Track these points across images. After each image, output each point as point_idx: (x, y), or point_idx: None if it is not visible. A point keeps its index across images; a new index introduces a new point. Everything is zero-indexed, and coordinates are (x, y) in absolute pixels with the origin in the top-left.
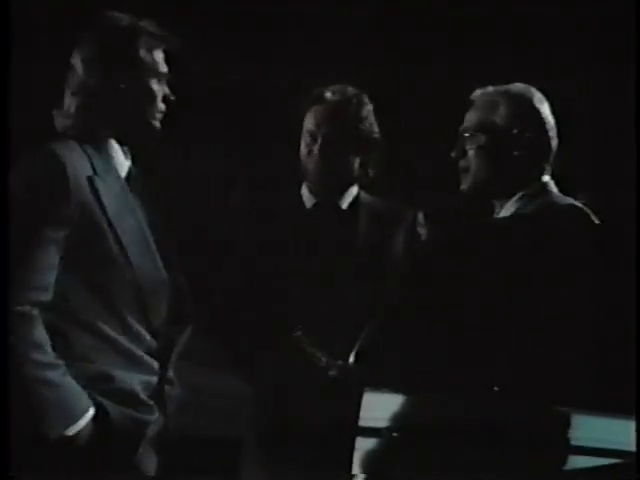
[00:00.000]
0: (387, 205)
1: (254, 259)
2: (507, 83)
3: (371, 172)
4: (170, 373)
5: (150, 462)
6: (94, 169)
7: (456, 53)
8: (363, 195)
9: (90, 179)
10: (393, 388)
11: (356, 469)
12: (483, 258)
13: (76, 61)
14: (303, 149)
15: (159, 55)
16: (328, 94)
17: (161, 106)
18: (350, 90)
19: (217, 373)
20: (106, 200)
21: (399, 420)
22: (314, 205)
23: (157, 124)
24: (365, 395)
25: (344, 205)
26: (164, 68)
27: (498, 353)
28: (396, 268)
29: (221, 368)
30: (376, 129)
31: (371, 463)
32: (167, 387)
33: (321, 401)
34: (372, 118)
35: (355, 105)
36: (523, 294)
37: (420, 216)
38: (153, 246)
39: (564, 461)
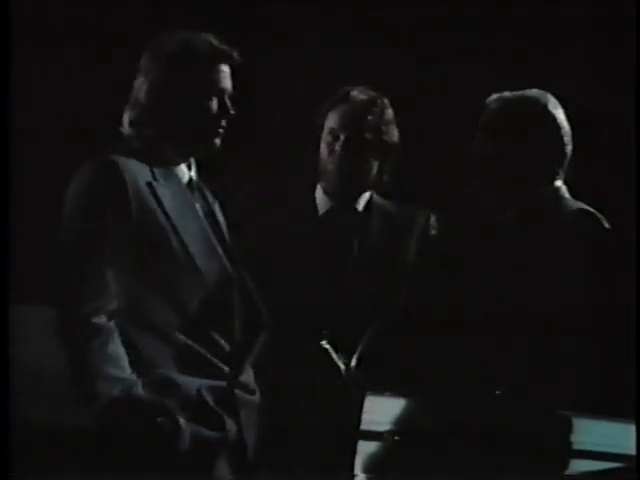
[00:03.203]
0: (400, 208)
1: (266, 259)
2: (507, 83)
3: (386, 177)
4: (244, 378)
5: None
6: (154, 176)
7: (463, 55)
8: (376, 198)
9: (150, 185)
10: (395, 392)
11: (358, 472)
12: (490, 261)
13: (138, 75)
14: (324, 149)
15: (222, 69)
16: (354, 93)
17: (222, 123)
18: (374, 92)
19: None
20: (168, 205)
21: (401, 424)
22: (329, 207)
23: (217, 141)
24: (367, 399)
25: (359, 208)
26: (226, 83)
27: (500, 357)
28: (406, 271)
29: None
30: (397, 134)
31: (373, 467)
32: (239, 392)
33: (323, 404)
34: (394, 123)
35: (380, 107)
36: (528, 297)
37: (433, 219)
38: (219, 250)
39: (565, 465)
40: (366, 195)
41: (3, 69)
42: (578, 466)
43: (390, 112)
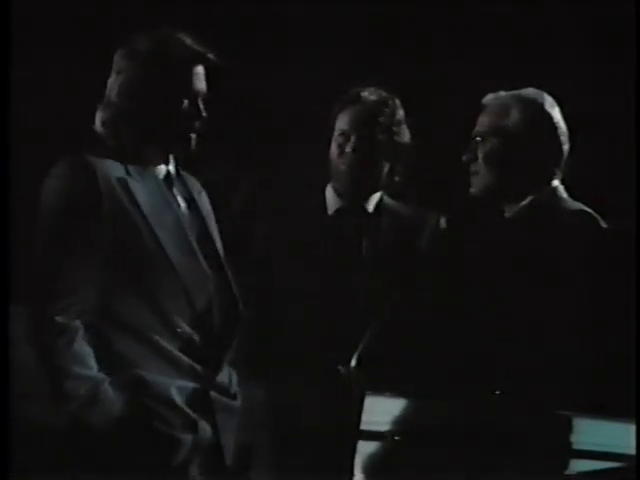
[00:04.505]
0: (410, 210)
1: (272, 260)
2: (507, 83)
3: (397, 178)
4: (224, 380)
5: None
6: (128, 172)
7: (463, 54)
8: (386, 199)
9: (122, 180)
10: (395, 392)
11: (358, 472)
12: (488, 261)
13: (111, 74)
14: (334, 149)
15: (197, 71)
16: (365, 94)
17: (195, 124)
18: (385, 93)
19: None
20: (142, 200)
21: (401, 424)
22: (339, 207)
23: (191, 143)
24: (367, 399)
25: (370, 208)
26: (201, 85)
27: (500, 357)
28: (411, 272)
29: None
30: (408, 135)
31: (373, 467)
32: (215, 394)
33: (323, 404)
34: (404, 124)
35: (391, 108)
36: (527, 298)
37: (442, 221)
38: (195, 245)
39: (565, 465)
40: (376, 196)
41: (3, 69)
42: (578, 466)
43: (401, 112)
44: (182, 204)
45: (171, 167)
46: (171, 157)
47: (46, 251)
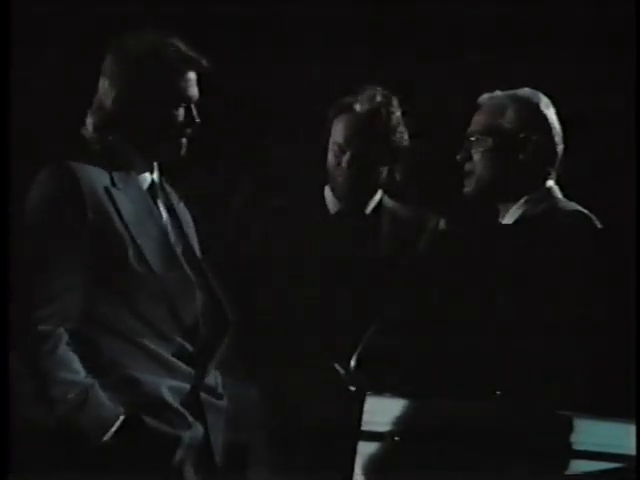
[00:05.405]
0: (410, 211)
1: (271, 260)
2: (506, 83)
3: (398, 177)
4: (211, 381)
5: (189, 471)
6: (112, 180)
7: (460, 54)
8: (386, 200)
9: (107, 189)
10: (395, 392)
11: (358, 473)
12: (485, 262)
13: (101, 78)
14: (331, 159)
15: (189, 77)
16: (357, 106)
17: (186, 131)
18: (379, 97)
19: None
20: (124, 209)
21: (401, 424)
22: (338, 209)
23: (182, 149)
24: (367, 399)
25: (368, 210)
26: (193, 91)
27: (500, 357)
28: (409, 273)
29: (231, 371)
30: (406, 137)
31: (373, 467)
32: (205, 395)
33: (323, 404)
34: (402, 126)
35: (384, 116)
36: (526, 298)
37: (442, 223)
38: (178, 253)
39: (566, 465)
40: (376, 197)
41: (3, 69)
42: (578, 466)
43: (396, 115)
44: (164, 214)
45: (155, 176)
46: (155, 165)
47: (28, 260)
